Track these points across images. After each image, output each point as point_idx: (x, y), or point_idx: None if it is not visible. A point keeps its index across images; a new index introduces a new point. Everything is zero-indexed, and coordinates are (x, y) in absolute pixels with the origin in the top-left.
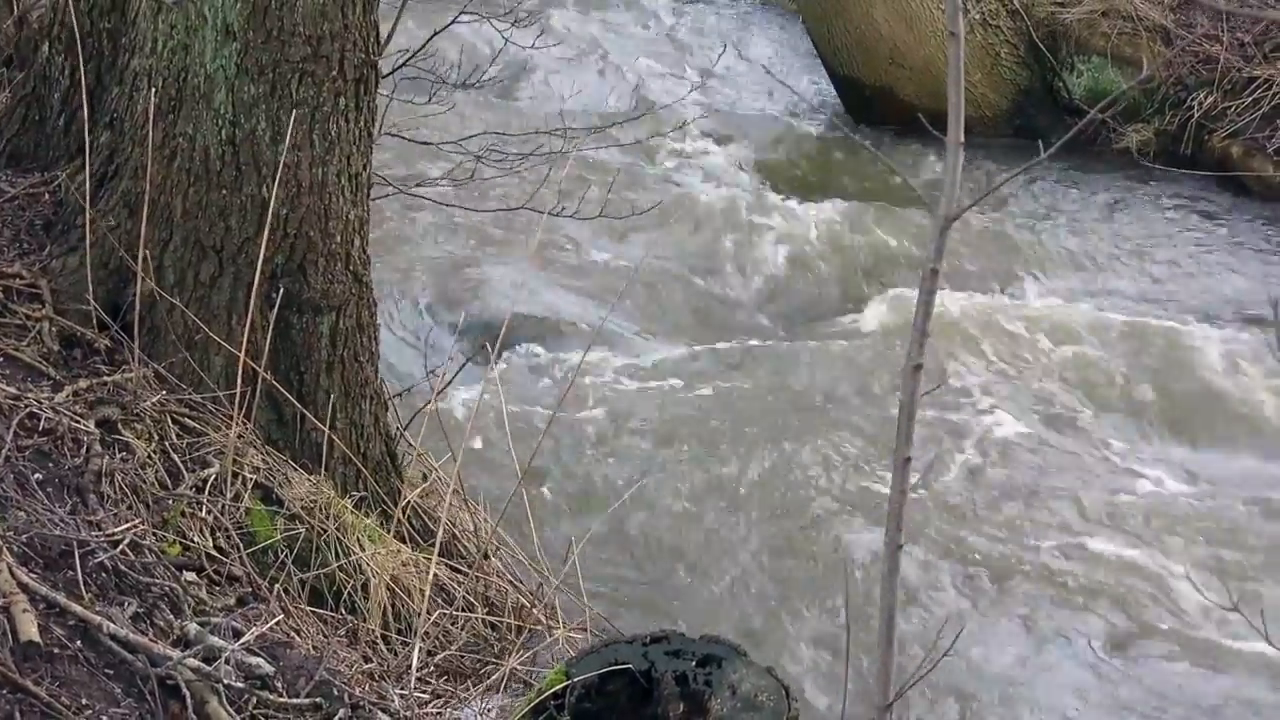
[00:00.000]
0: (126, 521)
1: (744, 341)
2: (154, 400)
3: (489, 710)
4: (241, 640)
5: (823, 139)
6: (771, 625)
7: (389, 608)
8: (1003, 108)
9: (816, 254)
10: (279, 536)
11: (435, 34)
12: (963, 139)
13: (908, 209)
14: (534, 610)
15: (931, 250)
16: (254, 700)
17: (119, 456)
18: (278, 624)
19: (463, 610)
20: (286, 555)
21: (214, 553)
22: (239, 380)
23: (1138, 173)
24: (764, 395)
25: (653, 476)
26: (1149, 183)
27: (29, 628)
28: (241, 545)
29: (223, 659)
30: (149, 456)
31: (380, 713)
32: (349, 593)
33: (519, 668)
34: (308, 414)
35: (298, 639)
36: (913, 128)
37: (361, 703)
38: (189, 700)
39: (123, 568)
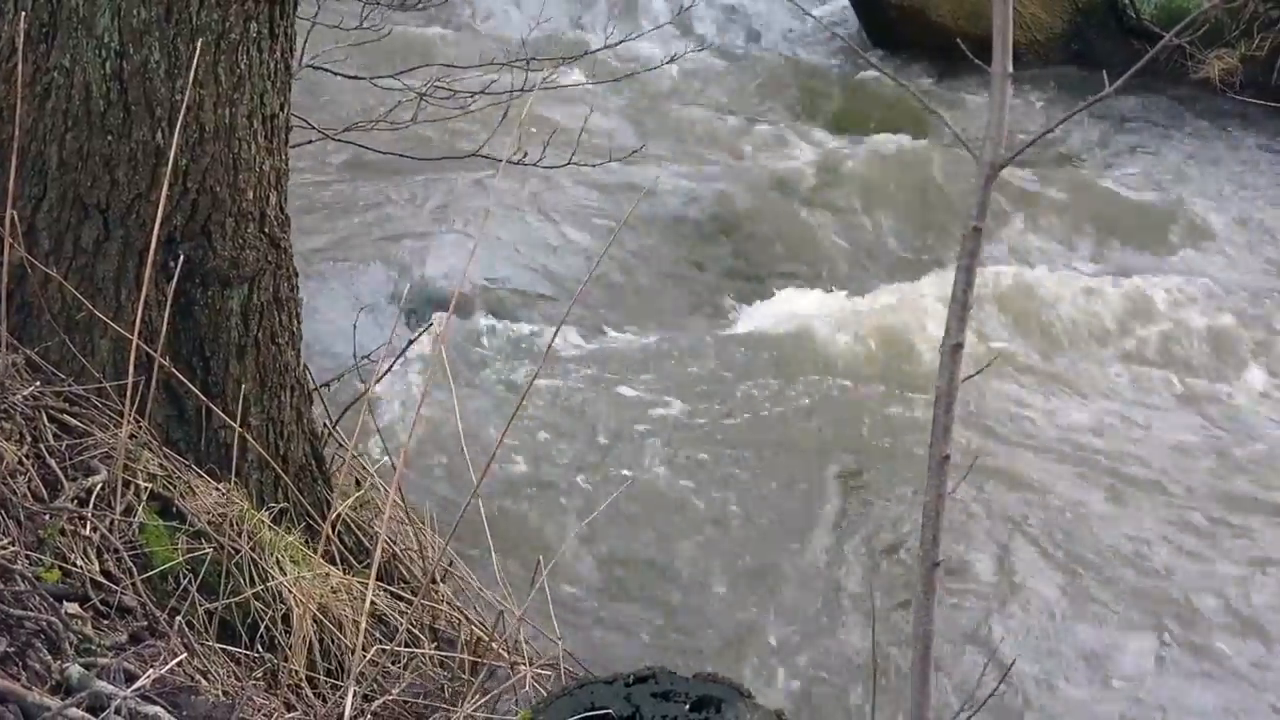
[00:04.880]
0: None
1: (742, 315)
2: (26, 393)
3: None
4: (135, 685)
5: (838, 70)
6: (781, 659)
7: (316, 644)
8: (1057, 30)
9: (829, 210)
10: (181, 558)
11: None
12: (1010, 69)
13: (941, 154)
14: (493, 645)
15: (974, 205)
16: None
17: None
18: (180, 665)
19: (406, 646)
20: (190, 581)
21: (101, 579)
22: (130, 368)
23: (1220, 108)
24: (767, 379)
25: (635, 482)
26: (1233, 120)
27: None
28: (135, 569)
29: (112, 708)
30: (20, 462)
31: None
32: (267, 626)
33: (475, 714)
34: (215, 409)
35: (204, 683)
36: (948, 55)
37: None
38: None
39: None
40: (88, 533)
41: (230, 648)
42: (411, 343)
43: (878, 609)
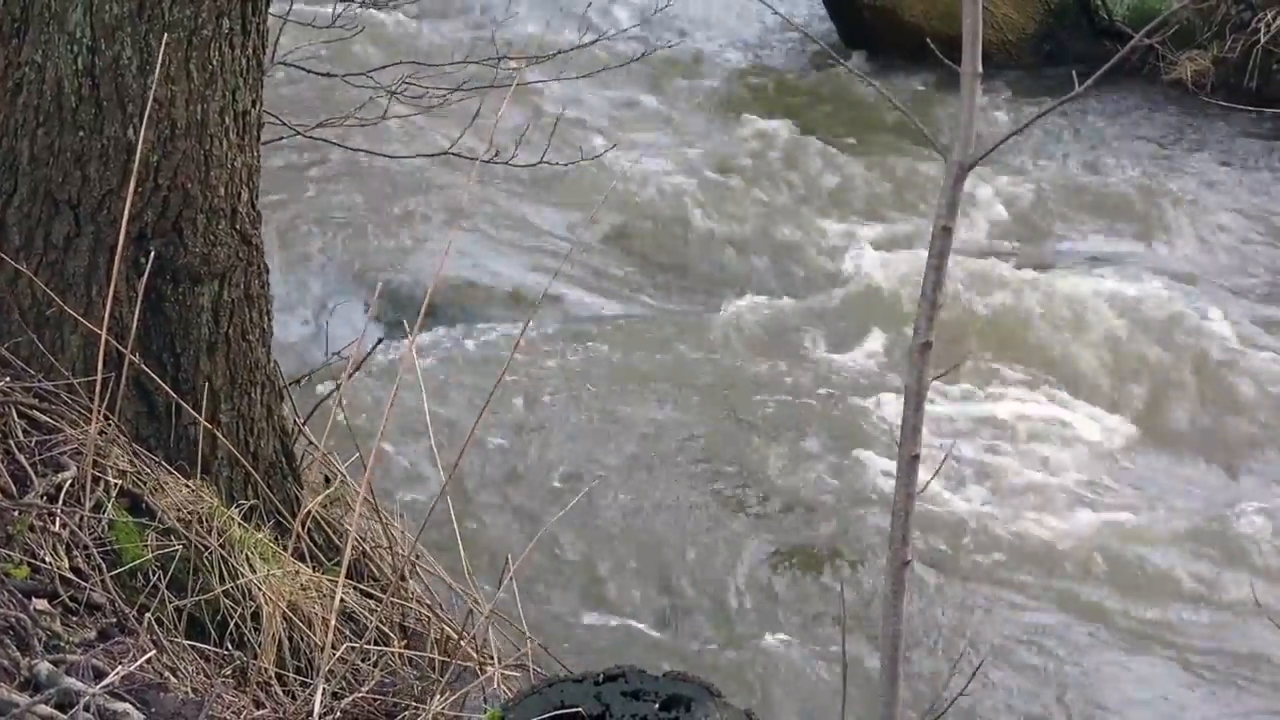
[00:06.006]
0: None
1: (714, 312)
2: None
3: None
4: (104, 682)
5: (810, 69)
6: (752, 658)
7: (285, 641)
8: (1028, 30)
9: (801, 208)
10: (150, 555)
11: None
12: (980, 69)
13: (911, 154)
14: (462, 643)
15: (943, 204)
16: None
17: None
18: (149, 662)
19: (376, 644)
20: (160, 578)
21: (70, 575)
22: (100, 365)
23: (1191, 109)
24: (738, 377)
25: (606, 478)
26: (1205, 121)
27: None
28: (104, 566)
29: (81, 705)
30: None
31: None
32: (236, 623)
33: (445, 712)
34: (185, 405)
35: (173, 680)
36: (919, 55)
37: None
38: None
39: None
40: (57, 529)
41: (199, 645)
42: (382, 340)
43: (847, 608)
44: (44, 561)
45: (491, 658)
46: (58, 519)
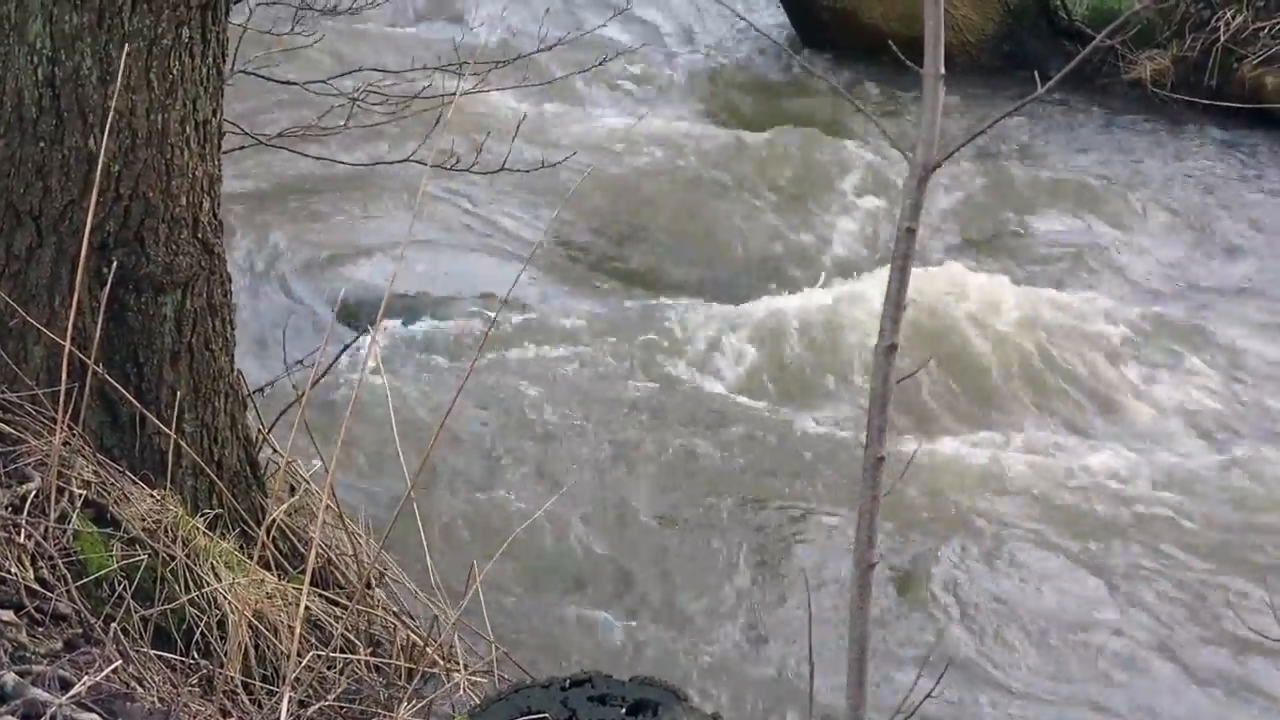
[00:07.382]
0: None
1: (677, 316)
2: None
3: None
4: (71, 692)
5: (770, 72)
6: (718, 661)
7: (251, 650)
8: (989, 31)
9: (763, 212)
10: (115, 565)
11: None
12: (943, 71)
13: (874, 156)
14: (428, 650)
15: (907, 206)
16: None
17: None
18: (115, 672)
19: (341, 651)
20: (125, 588)
21: (35, 586)
22: (64, 375)
23: (1152, 108)
24: (701, 382)
25: (572, 484)
26: (1165, 120)
27: None
28: (70, 577)
29: (48, 716)
30: None
31: None
32: (202, 632)
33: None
34: (149, 415)
35: (140, 690)
36: (880, 57)
37: None
38: None
39: None
40: (22, 540)
41: (165, 654)
42: (346, 348)
43: (814, 612)
44: (9, 573)
45: (458, 664)
46: (22, 530)
